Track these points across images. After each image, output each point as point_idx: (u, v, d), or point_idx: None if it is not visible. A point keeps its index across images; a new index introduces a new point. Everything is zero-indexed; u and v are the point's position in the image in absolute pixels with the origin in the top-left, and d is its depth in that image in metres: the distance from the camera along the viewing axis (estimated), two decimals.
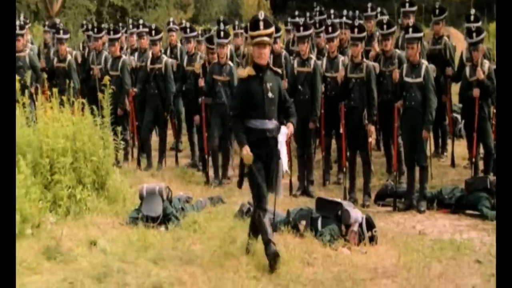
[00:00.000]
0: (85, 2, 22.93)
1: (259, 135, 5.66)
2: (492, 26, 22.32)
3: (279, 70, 6.01)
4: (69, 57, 10.56)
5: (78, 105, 7.98)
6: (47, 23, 16.21)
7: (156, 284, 5.06)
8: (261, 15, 5.69)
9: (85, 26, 13.65)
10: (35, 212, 6.39)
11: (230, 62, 9.35)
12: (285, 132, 5.70)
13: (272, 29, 5.79)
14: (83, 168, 7.32)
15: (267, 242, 5.51)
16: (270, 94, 5.67)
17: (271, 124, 5.69)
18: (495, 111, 8.86)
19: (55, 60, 10.72)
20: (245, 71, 5.76)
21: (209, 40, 9.37)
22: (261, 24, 5.61)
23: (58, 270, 5.26)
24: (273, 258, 5.43)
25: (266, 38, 5.63)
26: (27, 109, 8.01)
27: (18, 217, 6.21)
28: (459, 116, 10.59)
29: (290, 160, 6.46)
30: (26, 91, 8.93)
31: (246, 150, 5.55)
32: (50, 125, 7.58)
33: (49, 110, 7.84)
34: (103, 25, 12.75)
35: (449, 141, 10.21)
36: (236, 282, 5.19)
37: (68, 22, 21.17)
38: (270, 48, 5.82)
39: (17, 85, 8.20)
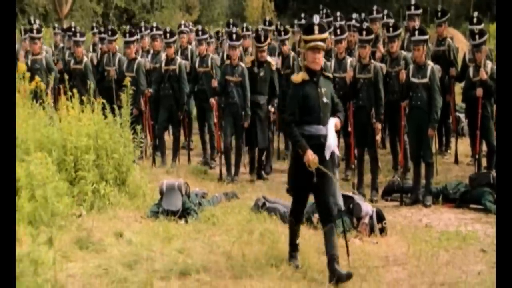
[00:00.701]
0: (92, 5, 23.28)
1: (314, 142, 5.48)
2: (493, 27, 22.68)
3: (330, 75, 6.01)
4: (85, 59, 10.94)
5: (98, 105, 8.36)
6: (56, 25, 16.60)
7: (183, 270, 5.43)
8: (316, 19, 5.58)
9: (96, 29, 14.05)
10: (63, 206, 6.76)
11: (241, 64, 9.71)
12: (333, 122, 5.60)
13: (327, 34, 5.71)
14: (106, 165, 7.68)
15: (332, 256, 5.41)
16: (325, 99, 5.57)
17: (325, 130, 5.56)
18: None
19: (72, 62, 11.09)
20: (299, 76, 5.63)
21: (258, 39, 9.57)
22: (316, 28, 5.49)
23: (91, 258, 5.64)
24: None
25: (320, 43, 5.51)
26: (50, 109, 8.40)
27: (48, 211, 6.64)
28: (462, 115, 10.97)
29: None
30: (49, 92, 9.29)
31: (311, 154, 5.36)
32: (73, 124, 7.95)
33: (71, 110, 8.21)
34: (118, 28, 13.11)
35: (452, 139, 10.58)
36: (257, 269, 5.55)
37: (76, 25, 21.50)
38: (323, 53, 5.69)
39: (43, 86, 8.64)
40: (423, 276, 5.50)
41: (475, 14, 10.07)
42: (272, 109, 9.71)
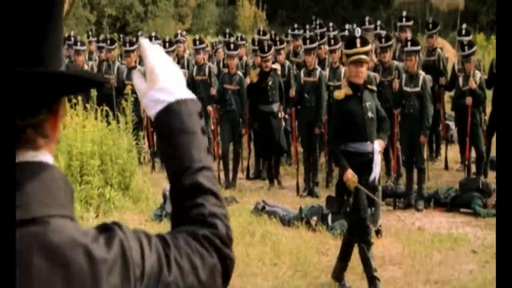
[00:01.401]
0: (85, 13, 23.53)
1: (360, 159, 5.37)
2: (480, 37, 23.22)
3: (374, 88, 5.93)
4: (85, 67, 11.20)
5: (101, 112, 8.65)
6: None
7: None
8: (358, 32, 5.55)
9: (92, 37, 14.33)
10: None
11: (239, 72, 10.02)
12: (377, 148, 5.44)
13: (369, 46, 5.63)
14: (110, 170, 7.97)
15: (371, 278, 5.42)
16: (370, 114, 5.43)
17: (372, 147, 5.41)
18: (485, 117, 9.63)
19: None
20: (341, 92, 5.52)
21: (262, 49, 9.59)
22: (358, 41, 5.40)
23: None
24: None
25: (363, 56, 5.40)
26: None
27: None
28: (451, 123, 11.34)
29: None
30: None
31: (351, 173, 5.25)
32: (77, 131, 8.23)
33: (75, 117, 8.50)
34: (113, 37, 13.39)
35: (442, 146, 10.95)
36: (261, 268, 5.85)
37: (69, 33, 21.75)
38: (367, 66, 5.59)
39: None
40: (418, 275, 5.82)
41: (464, 26, 10.46)
42: (284, 115, 9.76)
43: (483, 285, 5.52)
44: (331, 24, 13.37)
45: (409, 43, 8.62)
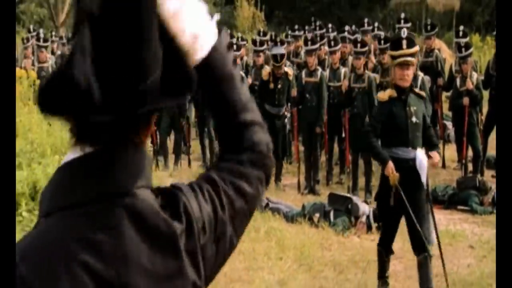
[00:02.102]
0: None
1: (401, 165, 5.09)
2: (475, 38, 23.48)
3: (423, 93, 5.65)
4: None
5: None
6: (53, 33, 17.00)
7: None
8: (404, 33, 5.38)
9: None
10: None
11: (242, 73, 10.23)
12: (425, 165, 5.22)
13: (417, 48, 5.41)
14: None
15: (379, 280, 5.45)
16: (414, 119, 5.19)
17: (414, 153, 5.16)
18: (482, 117, 9.88)
19: None
20: (386, 94, 5.36)
21: (275, 59, 9.58)
22: (404, 43, 5.22)
23: None
24: None
25: (409, 58, 5.21)
26: None
27: None
28: (448, 123, 11.58)
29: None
30: None
31: (391, 167, 4.99)
32: None
33: None
34: None
35: (439, 145, 11.16)
36: (267, 262, 6.07)
37: (69, 32, 21.94)
38: (414, 68, 5.37)
39: None
40: None
41: (461, 28, 10.70)
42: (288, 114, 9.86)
43: (481, 278, 5.75)
44: (330, 25, 13.62)
45: None
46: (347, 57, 10.92)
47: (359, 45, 9.21)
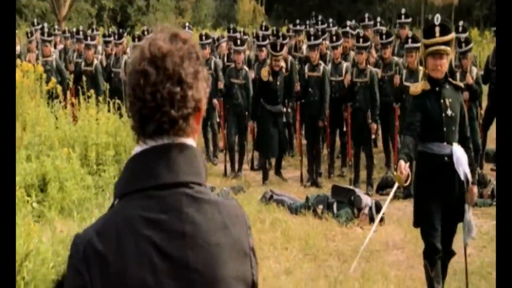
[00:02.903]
0: (86, 6, 23.81)
1: (436, 162, 4.81)
2: (473, 32, 23.63)
3: (461, 84, 5.27)
4: (95, 61, 11.54)
5: (113, 105, 9.01)
6: (56, 27, 17.11)
7: None
8: (437, 19, 4.88)
9: (96, 31, 14.63)
10: (90, 196, 7.41)
11: (245, 67, 10.39)
12: (464, 162, 4.83)
13: (452, 35, 4.90)
14: (124, 160, 8.32)
15: None
16: (449, 112, 4.84)
17: (450, 149, 4.81)
18: (481, 112, 10.05)
19: (83, 64, 11.68)
20: (418, 86, 4.99)
21: (273, 47, 9.59)
22: (437, 30, 4.80)
23: None
24: None
25: (443, 47, 4.78)
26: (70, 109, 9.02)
27: (75, 201, 7.27)
28: None
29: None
30: (68, 92, 9.88)
31: (402, 167, 4.54)
32: (92, 123, 8.59)
33: (90, 109, 8.86)
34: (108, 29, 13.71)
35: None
36: (273, 252, 6.25)
37: (71, 26, 22.07)
38: (449, 58, 4.97)
39: (59, 88, 9.26)
40: (420, 258, 6.16)
41: (460, 23, 10.83)
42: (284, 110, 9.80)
43: (481, 267, 5.94)
44: (331, 20, 13.77)
45: (409, 40, 9.02)
46: (349, 51, 11.07)
47: (361, 40, 9.36)
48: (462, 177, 4.82)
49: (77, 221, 6.74)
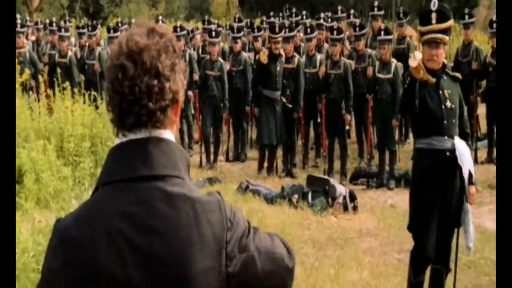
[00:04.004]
0: None
1: (437, 157, 4.46)
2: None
3: (458, 75, 4.82)
4: (69, 53, 11.49)
5: (89, 97, 9.01)
6: (28, 18, 16.94)
7: None
8: (434, 5, 4.44)
9: (68, 23, 14.55)
10: (66, 188, 7.43)
11: (220, 59, 10.45)
12: (468, 157, 4.50)
13: (450, 22, 4.49)
14: (101, 151, 8.36)
15: None
16: (449, 104, 4.52)
17: (451, 142, 4.48)
18: None
19: (57, 56, 11.62)
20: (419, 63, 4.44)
21: (272, 30, 9.42)
22: (433, 16, 4.42)
23: None
24: None
25: (440, 35, 4.39)
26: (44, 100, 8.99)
27: (51, 192, 7.29)
28: None
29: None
30: (42, 85, 9.81)
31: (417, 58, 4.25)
32: (68, 115, 8.59)
33: (66, 101, 8.85)
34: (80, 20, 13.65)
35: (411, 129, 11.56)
36: None
37: (43, 18, 21.82)
38: (445, 47, 4.54)
39: (41, 79, 9.22)
40: (393, 245, 6.40)
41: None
42: (284, 100, 9.63)
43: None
44: (304, 12, 13.88)
45: (382, 32, 9.17)
46: (323, 44, 11.20)
47: (335, 32, 9.49)
48: (466, 174, 4.48)
49: (55, 211, 6.78)
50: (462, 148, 4.49)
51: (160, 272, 1.43)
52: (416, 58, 4.35)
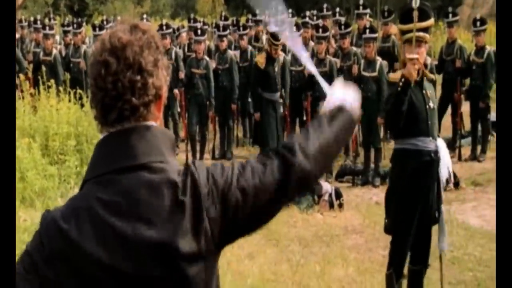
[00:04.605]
0: None
1: (422, 159, 4.41)
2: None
3: (433, 76, 4.87)
4: (54, 51, 11.43)
5: (74, 95, 8.99)
6: (23, 17, 16.84)
7: None
8: (416, 2, 4.32)
9: (53, 20, 14.47)
10: (52, 187, 7.41)
11: (206, 57, 10.46)
12: (448, 160, 4.53)
13: (431, 21, 4.44)
14: (86, 150, 8.33)
15: None
16: (431, 104, 4.47)
17: (434, 144, 4.45)
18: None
19: (41, 54, 11.56)
20: (398, 74, 4.49)
21: (274, 37, 9.19)
22: (415, 14, 4.31)
23: None
24: None
25: (421, 33, 4.31)
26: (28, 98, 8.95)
27: (36, 190, 7.27)
28: None
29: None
30: (27, 82, 9.78)
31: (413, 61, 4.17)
32: (53, 113, 8.56)
33: (51, 99, 8.81)
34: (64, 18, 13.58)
35: None
36: None
37: (27, 15, 21.67)
38: (427, 46, 4.49)
39: (22, 77, 9.18)
40: (378, 241, 6.44)
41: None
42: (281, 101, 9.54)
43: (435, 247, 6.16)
44: (290, 10, 13.89)
45: (367, 31, 9.22)
46: (308, 42, 11.24)
47: (320, 30, 9.53)
48: (446, 177, 4.52)
49: (41, 210, 6.76)
50: (444, 151, 4.48)
51: (146, 258, 1.46)
52: (396, 72, 4.45)
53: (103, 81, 1.48)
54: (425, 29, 4.36)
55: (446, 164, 4.49)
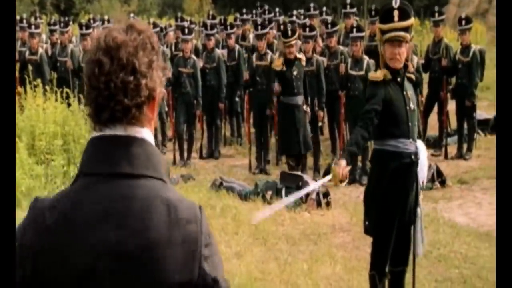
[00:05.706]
0: None
1: (403, 161, 4.36)
2: (414, 22, 24.22)
3: (413, 76, 4.71)
4: (40, 50, 11.37)
5: (61, 94, 8.95)
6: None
7: None
8: (396, 2, 4.27)
9: (39, 19, 14.39)
10: (38, 186, 7.38)
11: (193, 56, 10.45)
12: (426, 163, 4.50)
13: (411, 20, 4.36)
14: (73, 149, 8.30)
15: None
16: (411, 105, 4.41)
17: (414, 146, 4.40)
18: (422, 99, 10.40)
19: (27, 53, 11.49)
20: (379, 73, 4.45)
21: (285, 34, 8.86)
22: (396, 14, 4.26)
23: None
24: None
25: (402, 33, 4.25)
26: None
27: (23, 190, 7.23)
28: None
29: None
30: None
31: (341, 167, 4.08)
32: (39, 112, 8.52)
33: (37, 98, 8.77)
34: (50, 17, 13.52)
35: None
36: (224, 237, 6.38)
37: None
38: (407, 46, 4.40)
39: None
40: (365, 239, 6.42)
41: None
42: (308, 109, 8.97)
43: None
44: (277, 9, 13.94)
45: (354, 30, 9.26)
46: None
47: (307, 29, 9.56)
48: (423, 179, 4.55)
49: (26, 210, 6.74)
50: (423, 154, 4.46)
51: (127, 267, 1.46)
52: (377, 72, 4.43)
53: (97, 81, 1.48)
54: (406, 29, 4.31)
55: (424, 167, 4.50)
